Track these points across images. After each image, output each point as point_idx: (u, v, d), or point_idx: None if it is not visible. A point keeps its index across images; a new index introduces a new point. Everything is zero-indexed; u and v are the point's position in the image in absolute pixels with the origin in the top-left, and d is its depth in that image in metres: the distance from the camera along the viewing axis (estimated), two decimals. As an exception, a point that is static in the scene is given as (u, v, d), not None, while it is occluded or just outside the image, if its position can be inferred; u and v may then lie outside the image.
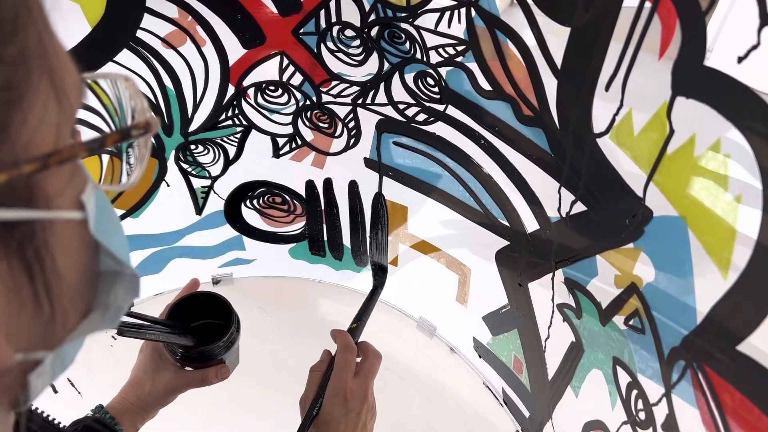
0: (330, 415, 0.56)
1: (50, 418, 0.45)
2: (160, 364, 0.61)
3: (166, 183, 0.97)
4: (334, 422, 0.56)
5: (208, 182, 1.01)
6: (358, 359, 0.63)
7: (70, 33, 0.69)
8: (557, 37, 0.53)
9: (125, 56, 0.77)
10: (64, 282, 0.21)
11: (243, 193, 1.05)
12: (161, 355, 0.62)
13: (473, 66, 0.67)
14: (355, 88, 0.83)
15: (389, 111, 0.83)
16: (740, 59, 0.35)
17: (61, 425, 0.46)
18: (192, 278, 0.70)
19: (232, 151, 0.97)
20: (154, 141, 0.89)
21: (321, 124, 0.92)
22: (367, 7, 0.71)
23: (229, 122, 0.91)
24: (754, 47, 0.34)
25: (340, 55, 0.79)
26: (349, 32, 0.75)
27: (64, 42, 0.20)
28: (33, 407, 0.44)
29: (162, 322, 0.60)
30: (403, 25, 0.70)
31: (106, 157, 0.85)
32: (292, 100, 0.88)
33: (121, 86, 0.24)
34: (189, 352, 0.60)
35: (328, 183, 1.02)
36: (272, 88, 0.86)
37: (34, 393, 0.21)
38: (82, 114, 0.75)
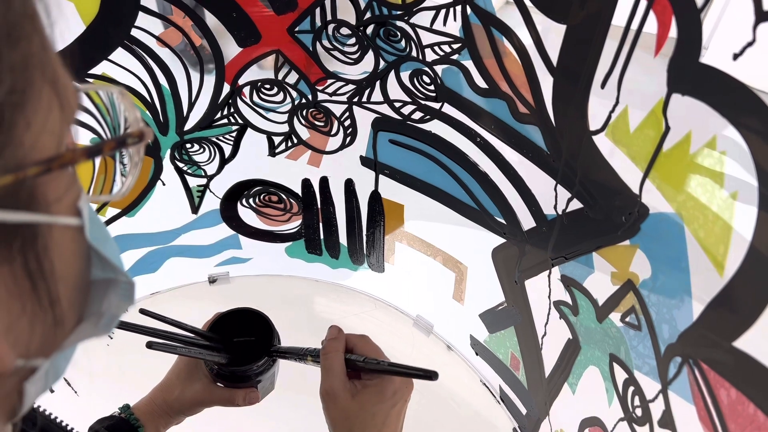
0: (378, 406, 0.48)
1: (53, 417, 0.45)
2: (194, 373, 0.60)
3: (162, 182, 0.97)
4: (381, 414, 0.48)
5: (203, 181, 1.01)
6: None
7: (65, 31, 0.69)
8: (553, 34, 0.53)
9: (120, 54, 0.76)
10: (64, 287, 0.21)
11: (239, 191, 1.05)
12: (198, 365, 0.61)
13: (469, 64, 0.67)
14: (350, 87, 0.83)
15: (385, 109, 0.83)
16: (736, 56, 0.35)
17: (63, 424, 0.46)
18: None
19: (227, 149, 0.96)
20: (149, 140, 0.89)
21: (317, 123, 0.92)
22: (363, 5, 0.71)
23: (225, 121, 0.91)
24: (750, 44, 0.34)
25: (335, 53, 0.79)
26: (344, 30, 0.75)
27: (57, 40, 0.20)
28: (35, 406, 0.43)
29: (201, 332, 0.59)
30: (399, 23, 0.70)
31: (97, 167, 0.85)
32: (288, 99, 0.88)
33: (115, 97, 0.24)
34: (222, 369, 0.59)
35: (324, 181, 1.02)
36: (268, 86, 0.86)
37: (29, 401, 0.21)
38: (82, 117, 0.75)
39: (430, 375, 0.48)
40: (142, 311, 0.56)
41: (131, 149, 0.24)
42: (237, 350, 0.61)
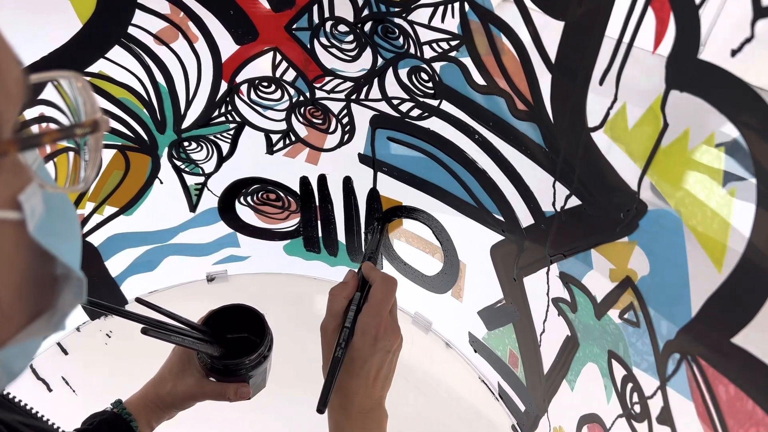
0: (358, 352, 0.53)
1: (28, 407, 0.44)
2: (186, 368, 0.61)
3: (160, 180, 0.97)
4: (360, 359, 0.53)
5: (201, 179, 1.01)
6: None
7: (61, 29, 0.69)
8: (551, 31, 0.53)
9: (117, 53, 0.76)
10: (3, 281, 0.20)
11: (237, 189, 1.04)
12: (190, 359, 0.61)
13: (467, 61, 0.67)
14: (348, 84, 0.83)
15: (383, 106, 0.83)
16: (734, 52, 0.35)
17: (39, 414, 0.45)
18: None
19: (225, 147, 0.96)
20: (147, 138, 0.88)
21: (315, 120, 0.92)
22: (361, 2, 0.71)
23: (222, 119, 0.90)
24: (748, 40, 0.34)
25: (333, 50, 0.79)
26: (342, 27, 0.75)
27: (54, 38, 0.20)
28: (9, 395, 0.43)
29: (194, 325, 0.59)
30: (397, 20, 0.69)
31: (72, 156, 0.84)
32: (286, 96, 0.88)
33: (73, 86, 0.23)
34: (214, 363, 0.59)
35: (322, 179, 1.02)
36: (265, 84, 0.86)
37: None
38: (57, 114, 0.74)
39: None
40: (138, 300, 0.56)
41: (90, 138, 0.22)
42: (230, 345, 0.61)
